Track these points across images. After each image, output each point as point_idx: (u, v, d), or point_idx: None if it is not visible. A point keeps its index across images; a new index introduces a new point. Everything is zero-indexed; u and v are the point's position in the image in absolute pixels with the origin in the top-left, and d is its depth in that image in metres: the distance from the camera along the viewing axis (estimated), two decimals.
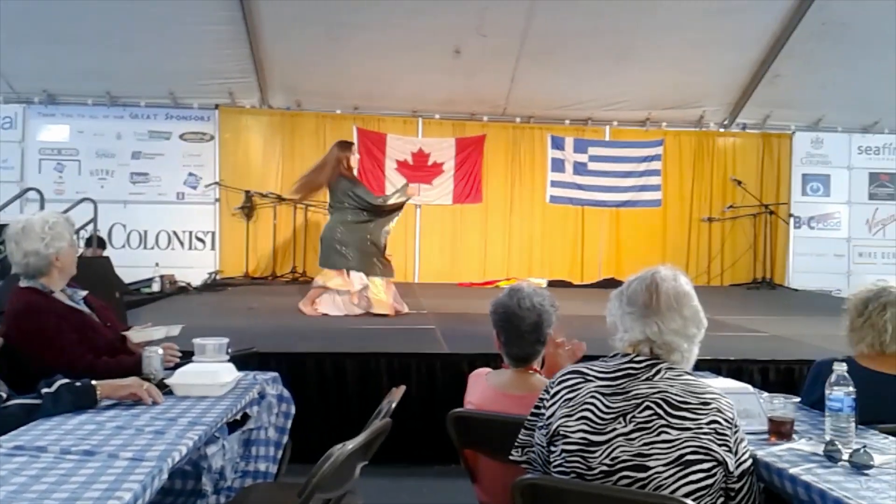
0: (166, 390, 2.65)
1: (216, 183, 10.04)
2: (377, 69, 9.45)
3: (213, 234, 10.13)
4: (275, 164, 10.25)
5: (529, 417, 2.15)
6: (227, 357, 2.92)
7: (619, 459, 1.87)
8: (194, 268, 9.71)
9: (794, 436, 2.28)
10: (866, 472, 1.96)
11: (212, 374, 2.73)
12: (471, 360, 4.42)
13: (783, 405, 2.34)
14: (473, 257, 10.46)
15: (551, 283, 9.73)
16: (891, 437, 2.31)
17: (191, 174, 10.12)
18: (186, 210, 10.12)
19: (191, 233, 10.12)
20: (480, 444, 2.55)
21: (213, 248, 10.13)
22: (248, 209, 9.96)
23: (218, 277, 9.78)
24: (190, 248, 10.13)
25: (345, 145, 7.08)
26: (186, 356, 3.03)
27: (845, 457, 2.04)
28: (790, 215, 10.75)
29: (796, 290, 10.36)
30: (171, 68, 9.24)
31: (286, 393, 3.14)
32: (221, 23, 8.63)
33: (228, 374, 2.79)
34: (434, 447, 4.05)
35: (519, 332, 2.57)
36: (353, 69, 9.44)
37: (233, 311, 7.15)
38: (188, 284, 9.08)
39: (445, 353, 4.79)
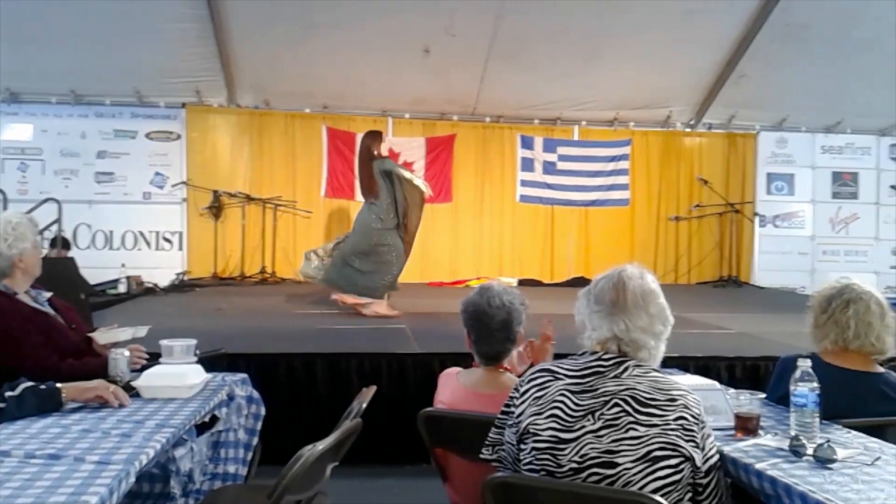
0: (133, 392, 2.62)
1: (183, 182, 9.92)
2: (347, 68, 9.41)
3: (181, 234, 10.00)
4: (243, 164, 10.17)
5: (499, 416, 2.16)
6: (196, 359, 2.89)
7: (588, 456, 1.89)
8: (161, 268, 9.58)
9: (760, 431, 2.32)
10: (830, 466, 2.00)
11: (179, 375, 2.70)
12: (442, 360, 4.43)
13: (749, 401, 2.38)
14: (444, 257, 10.45)
15: (522, 283, 9.80)
16: (854, 432, 2.35)
17: (157, 174, 9.99)
18: (153, 210, 9.98)
19: (158, 233, 9.99)
20: (451, 443, 2.56)
21: (180, 248, 10.00)
22: (216, 209, 9.85)
23: (186, 278, 9.66)
24: (157, 248, 10.00)
25: (373, 134, 7.01)
26: (153, 358, 2.99)
27: (810, 451, 2.07)
28: (755, 214, 10.89)
29: (762, 287, 10.50)
30: (137, 66, 9.11)
31: (256, 394, 3.12)
32: (188, 21, 8.53)
33: (196, 375, 2.77)
34: (405, 447, 4.06)
35: (489, 330, 2.59)
36: (323, 68, 9.40)
37: (201, 312, 7.07)
38: (155, 285, 8.97)
39: (416, 353, 4.78)
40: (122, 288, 8.43)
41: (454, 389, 2.66)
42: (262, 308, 7.20)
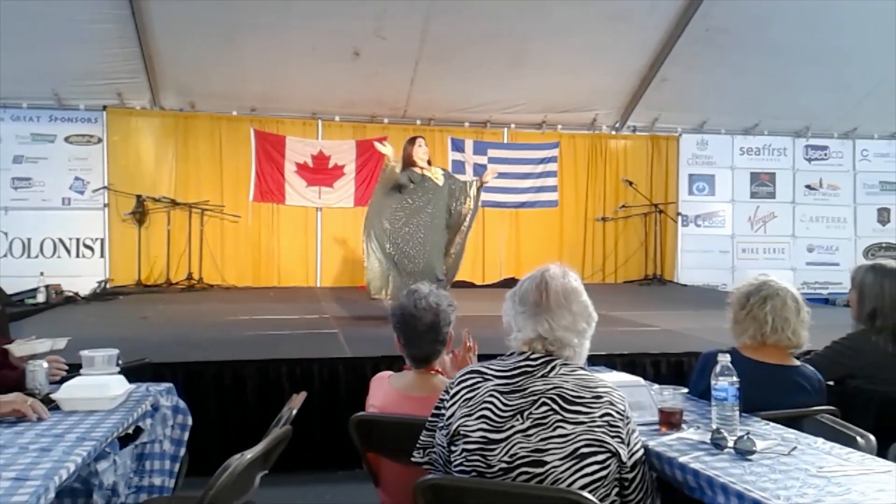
0: (52, 405, 2.53)
1: (105, 187, 9.62)
2: (274, 71, 9.30)
3: (103, 240, 9.69)
4: (167, 168, 9.91)
5: (430, 418, 2.16)
6: (118, 369, 2.81)
7: (518, 456, 1.91)
8: (82, 276, 9.26)
9: (684, 425, 2.37)
10: (750, 457, 2.07)
11: (101, 386, 2.62)
12: (374, 364, 4.41)
13: (672, 396, 2.44)
14: None
15: (454, 284, 9.79)
16: (772, 423, 2.44)
17: (77, 178, 9.65)
18: (73, 216, 9.64)
19: (78, 240, 9.66)
20: (383, 447, 2.55)
21: (102, 255, 9.69)
22: (140, 214, 9.58)
23: (108, 286, 9.38)
24: (77, 255, 9.66)
25: (409, 140, 6.88)
26: (74, 369, 2.90)
27: (730, 444, 2.13)
28: (678, 214, 11.17)
29: (685, 285, 10.79)
30: (55, 68, 8.79)
31: (182, 404, 3.05)
32: (109, 21, 8.28)
33: (119, 386, 2.69)
34: (338, 452, 4.03)
35: (416, 332, 2.60)
36: (250, 70, 9.26)
37: (125, 320, 6.86)
38: (76, 294, 8.67)
39: (348, 357, 4.74)
40: (40, 297, 8.16)
41: (386, 393, 2.66)
42: (188, 315, 7.04)
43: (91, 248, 9.68)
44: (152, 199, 9.63)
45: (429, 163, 6.82)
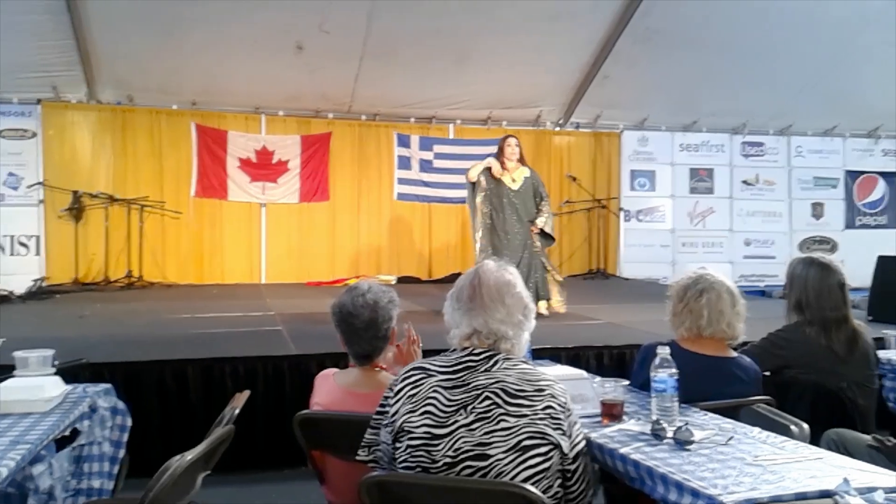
0: None
1: (40, 183, 9.32)
2: (216, 64, 9.12)
3: (38, 238, 9.40)
4: (105, 163, 9.65)
5: (375, 416, 2.16)
6: (53, 370, 2.74)
7: (462, 450, 1.92)
8: (17, 275, 8.96)
9: (625, 417, 2.41)
10: (688, 447, 2.11)
11: (35, 388, 2.56)
12: (319, 361, 4.38)
13: (614, 388, 2.49)
14: (321, 256, 10.33)
15: (401, 280, 9.84)
16: (710, 414, 2.49)
17: (11, 174, 9.34)
18: (7, 213, 9.31)
19: (12, 237, 9.35)
20: (328, 444, 2.54)
21: (37, 253, 9.40)
22: (77, 211, 9.32)
23: (44, 284, 9.09)
24: (12, 253, 9.35)
25: (502, 139, 6.93)
26: (7, 371, 2.81)
27: (670, 434, 2.17)
28: (620, 209, 11.35)
29: (627, 279, 10.97)
30: None
31: (121, 405, 2.99)
32: (42, 12, 8.04)
33: (54, 387, 2.63)
34: (283, 450, 4.00)
35: (355, 328, 2.59)
36: (190, 63, 9.08)
37: (62, 320, 6.67)
38: (10, 293, 8.37)
39: (293, 355, 4.70)
40: None
41: (330, 390, 2.64)
42: (128, 314, 6.87)
43: (26, 246, 9.39)
44: (89, 195, 9.38)
45: (520, 161, 6.81)
